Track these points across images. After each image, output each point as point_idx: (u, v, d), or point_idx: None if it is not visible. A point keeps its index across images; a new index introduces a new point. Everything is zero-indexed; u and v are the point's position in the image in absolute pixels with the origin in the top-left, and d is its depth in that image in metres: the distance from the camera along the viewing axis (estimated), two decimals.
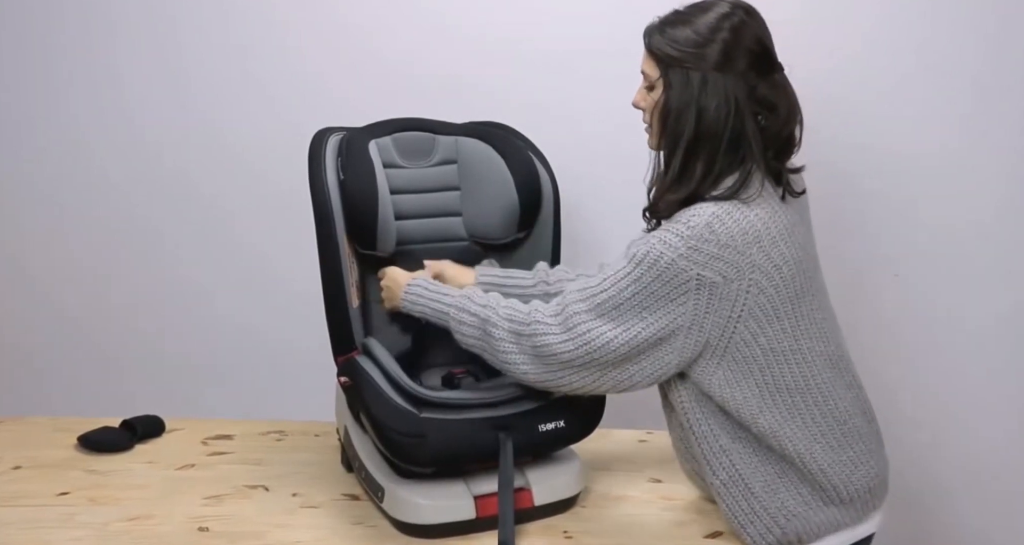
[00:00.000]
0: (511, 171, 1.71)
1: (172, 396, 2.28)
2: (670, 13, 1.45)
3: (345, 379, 1.54)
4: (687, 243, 1.36)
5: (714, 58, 1.38)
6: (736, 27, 1.40)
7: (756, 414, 1.44)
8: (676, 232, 1.37)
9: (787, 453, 1.45)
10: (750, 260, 1.38)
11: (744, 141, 1.40)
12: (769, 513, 1.45)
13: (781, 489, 1.46)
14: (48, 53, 2.22)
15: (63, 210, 2.29)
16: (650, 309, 1.38)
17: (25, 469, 1.73)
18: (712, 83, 1.39)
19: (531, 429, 1.49)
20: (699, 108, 1.39)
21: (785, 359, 1.43)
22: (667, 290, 1.37)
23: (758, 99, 1.40)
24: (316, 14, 2.13)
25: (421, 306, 1.57)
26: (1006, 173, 2.00)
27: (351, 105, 2.08)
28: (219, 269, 2.27)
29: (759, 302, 1.40)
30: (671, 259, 1.36)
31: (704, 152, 1.40)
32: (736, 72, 1.39)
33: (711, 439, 1.47)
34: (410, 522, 1.47)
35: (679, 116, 1.41)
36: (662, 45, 1.42)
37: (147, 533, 1.50)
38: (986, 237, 2.03)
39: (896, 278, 2.08)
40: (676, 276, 1.37)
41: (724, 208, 1.38)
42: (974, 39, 1.96)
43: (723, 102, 1.38)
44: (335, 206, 1.58)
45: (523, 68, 2.09)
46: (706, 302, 1.38)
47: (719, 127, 1.39)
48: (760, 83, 1.40)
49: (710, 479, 1.48)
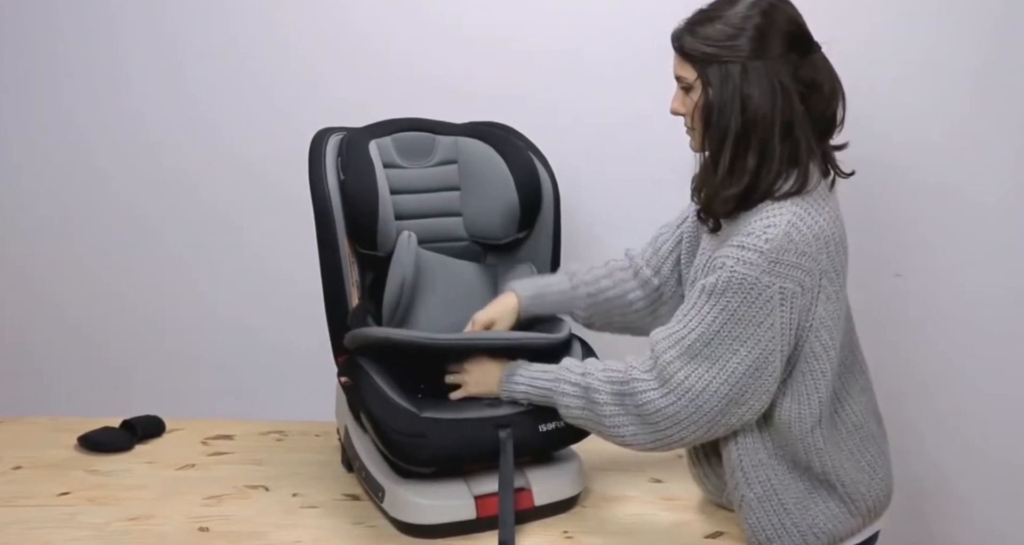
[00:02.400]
0: (511, 171, 1.71)
1: (172, 396, 2.28)
2: (695, 13, 1.42)
3: (345, 379, 1.54)
4: (768, 258, 1.33)
5: (750, 46, 1.35)
6: (767, 11, 1.37)
7: (808, 431, 1.42)
8: (755, 248, 1.33)
9: (824, 468, 1.43)
10: (820, 266, 1.37)
11: (796, 125, 1.37)
12: (799, 530, 1.44)
13: (811, 506, 1.45)
14: (49, 54, 2.22)
15: (63, 210, 2.29)
16: (740, 338, 1.34)
17: (25, 469, 1.73)
18: (753, 72, 1.35)
19: (531, 429, 1.49)
20: (743, 99, 1.35)
21: (835, 368, 1.43)
22: (753, 312, 1.33)
23: (802, 80, 1.37)
24: (316, 14, 2.13)
25: (523, 391, 1.50)
26: (1008, 171, 2.00)
27: (351, 105, 2.08)
28: (219, 269, 2.27)
29: (827, 310, 1.39)
30: (755, 278, 1.33)
31: (755, 143, 1.36)
32: (775, 56, 1.35)
33: (751, 453, 1.43)
34: (410, 522, 1.47)
35: (723, 111, 1.37)
36: (694, 44, 1.39)
37: (147, 533, 1.50)
38: (987, 236, 2.03)
39: (897, 278, 2.08)
40: (760, 295, 1.33)
41: (797, 213, 1.35)
42: (975, 36, 1.96)
43: (768, 89, 1.35)
44: (335, 206, 1.58)
45: (523, 68, 2.08)
46: (788, 315, 1.35)
47: (769, 115, 1.35)
48: (802, 64, 1.37)
49: (742, 491, 1.44)
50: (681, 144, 1.95)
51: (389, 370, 1.53)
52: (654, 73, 2.04)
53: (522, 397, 1.50)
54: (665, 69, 1.89)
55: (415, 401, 1.49)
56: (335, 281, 1.57)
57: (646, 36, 2.00)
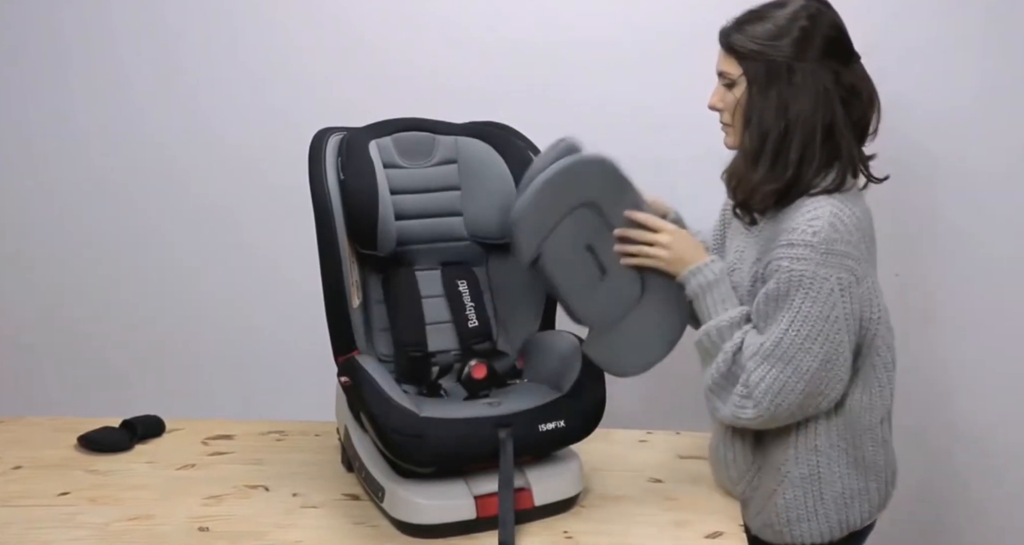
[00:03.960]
0: (511, 171, 1.70)
1: (172, 396, 2.28)
2: (744, 13, 1.46)
3: (345, 379, 1.54)
4: (818, 250, 1.37)
5: (797, 47, 1.40)
6: (814, 16, 1.41)
7: (877, 422, 1.50)
8: (804, 243, 1.37)
9: (880, 461, 1.52)
10: (866, 257, 1.43)
11: (836, 128, 1.41)
12: (828, 519, 1.51)
13: (853, 505, 1.52)
14: (49, 54, 2.22)
15: (63, 210, 2.29)
16: (811, 336, 1.38)
17: (25, 469, 1.73)
18: (799, 73, 1.40)
19: (531, 429, 1.49)
20: (787, 99, 1.40)
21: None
22: (819, 307, 1.37)
23: (843, 85, 1.42)
24: (317, 15, 2.13)
25: (697, 289, 1.48)
26: (1007, 172, 2.00)
27: (351, 105, 2.08)
28: (219, 269, 2.27)
29: (880, 301, 1.46)
30: (812, 272, 1.37)
31: (797, 142, 1.41)
32: (820, 61, 1.40)
33: (811, 438, 1.49)
34: (410, 522, 1.47)
35: (767, 109, 1.42)
36: (742, 41, 1.43)
37: (147, 533, 1.50)
38: (987, 235, 2.03)
39: (896, 278, 2.08)
40: (821, 288, 1.37)
41: (836, 206, 1.40)
42: (977, 39, 1.96)
43: (812, 91, 1.40)
44: (335, 206, 1.58)
45: (523, 68, 2.09)
46: (849, 305, 1.39)
47: (812, 116, 1.40)
48: (843, 70, 1.42)
49: (788, 468, 1.50)
50: (681, 144, 1.96)
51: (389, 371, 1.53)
52: (654, 73, 2.05)
53: (690, 294, 1.49)
54: (665, 69, 1.90)
55: (415, 401, 1.49)
56: (335, 281, 1.56)
57: (647, 37, 2.01)
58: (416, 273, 1.73)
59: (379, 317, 1.70)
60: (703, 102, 1.98)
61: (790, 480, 1.50)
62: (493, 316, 1.75)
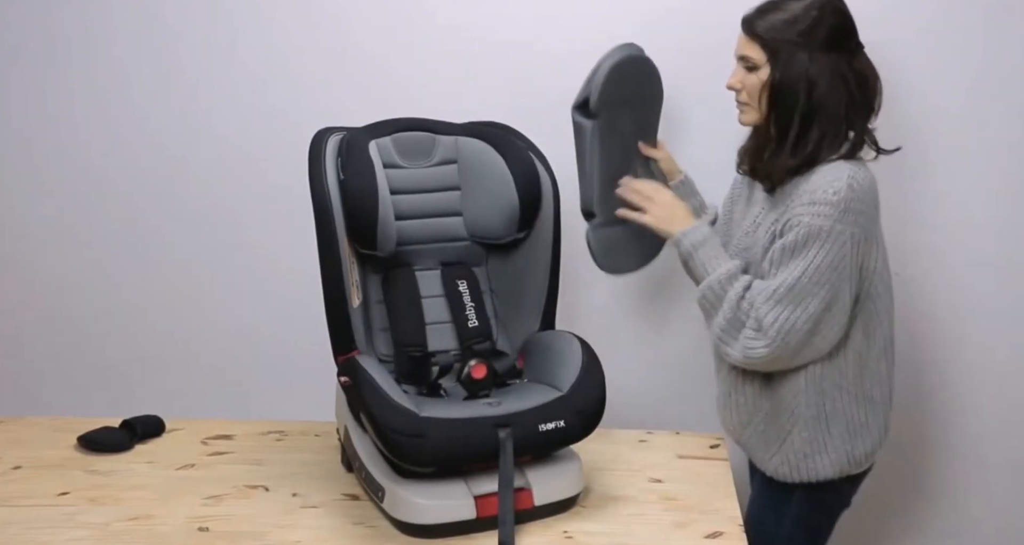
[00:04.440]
0: (511, 171, 1.71)
1: (172, 396, 2.28)
2: (765, 3, 1.60)
3: (345, 379, 1.54)
4: (838, 208, 1.52)
5: (818, 37, 1.55)
6: (831, 7, 1.57)
7: (874, 360, 1.64)
8: (825, 201, 1.52)
9: (880, 395, 1.67)
10: (875, 216, 1.59)
11: (852, 109, 1.57)
12: (838, 456, 1.64)
13: (857, 440, 1.65)
14: (50, 54, 2.22)
15: (63, 210, 2.29)
16: (820, 283, 1.53)
17: (25, 469, 1.73)
18: (821, 59, 1.55)
19: (531, 429, 1.49)
20: (810, 82, 1.55)
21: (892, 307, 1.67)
22: (831, 258, 1.53)
23: (855, 71, 1.57)
24: (316, 15, 2.13)
25: (688, 250, 1.63)
26: (1006, 170, 2.00)
27: (351, 105, 2.08)
28: (219, 269, 2.27)
29: (882, 254, 1.62)
30: (830, 227, 1.52)
31: (819, 122, 1.56)
32: (836, 48, 1.56)
33: (817, 381, 1.61)
34: (410, 522, 1.47)
35: (792, 91, 1.56)
36: (766, 28, 1.57)
37: (147, 533, 1.50)
38: (986, 234, 2.03)
39: (896, 277, 2.07)
40: (836, 241, 1.52)
41: (853, 168, 1.55)
42: (974, 35, 1.96)
43: (830, 75, 1.55)
44: (335, 206, 1.58)
45: (523, 68, 2.09)
46: (856, 257, 1.55)
47: (833, 98, 1.55)
48: (854, 57, 1.58)
49: (800, 411, 1.62)
50: (680, 143, 1.96)
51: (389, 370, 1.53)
52: None
53: (683, 252, 1.64)
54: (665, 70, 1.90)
55: (415, 401, 1.49)
56: (335, 281, 1.56)
57: (646, 38, 2.00)
58: (416, 273, 1.73)
59: (379, 317, 1.70)
60: (703, 102, 1.99)
61: (803, 421, 1.62)
62: (493, 316, 1.75)
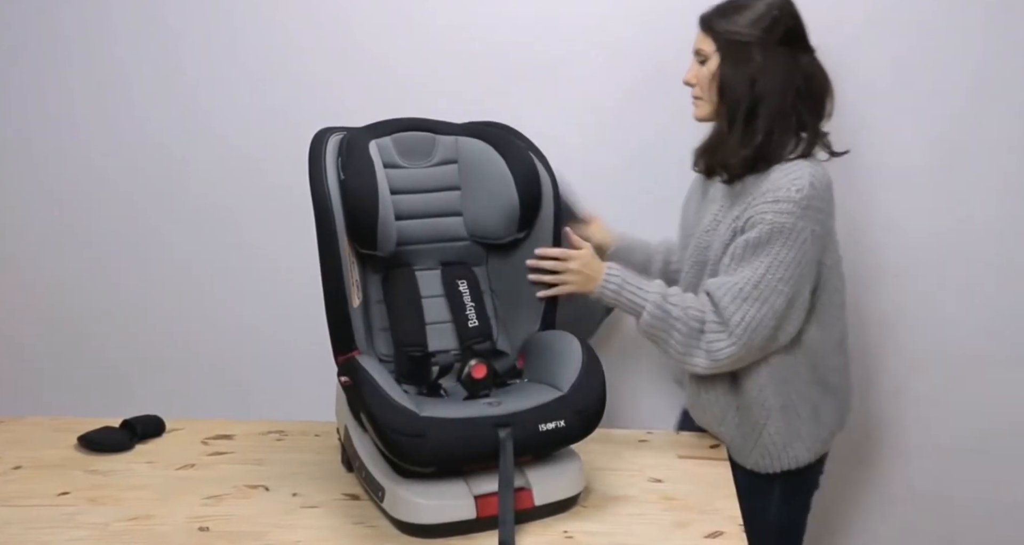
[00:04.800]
0: (511, 171, 1.70)
1: (172, 396, 2.28)
2: (724, 2, 1.69)
3: (345, 379, 1.53)
4: (800, 205, 1.59)
5: (767, 33, 1.63)
6: (782, 8, 1.65)
7: (830, 352, 1.71)
8: (788, 199, 1.59)
9: (836, 383, 1.74)
10: (832, 214, 1.66)
11: (798, 104, 1.65)
12: (811, 440, 1.73)
13: (820, 422, 1.74)
14: (48, 54, 2.22)
15: (63, 210, 2.29)
16: (784, 279, 1.60)
17: (25, 469, 1.73)
18: (767, 54, 1.63)
19: (531, 429, 1.49)
20: (755, 73, 1.63)
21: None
22: (793, 254, 1.60)
23: (802, 69, 1.65)
24: (317, 15, 2.13)
25: (614, 296, 1.69)
26: (1004, 172, 2.00)
27: (351, 105, 2.08)
28: (219, 269, 2.27)
29: (837, 249, 1.70)
30: (792, 224, 1.59)
31: (766, 113, 1.63)
32: (784, 46, 1.64)
33: (779, 372, 1.69)
34: (410, 522, 1.47)
35: (738, 82, 1.64)
36: (720, 22, 1.66)
37: (147, 533, 1.50)
38: (985, 236, 2.03)
39: (896, 278, 2.08)
40: (797, 238, 1.59)
41: (812, 167, 1.63)
42: (972, 38, 1.96)
43: (777, 69, 1.63)
44: (335, 206, 1.58)
45: (523, 68, 2.09)
46: (814, 253, 1.62)
47: (777, 90, 1.63)
48: (802, 56, 1.66)
49: (770, 403, 1.70)
50: (679, 143, 1.96)
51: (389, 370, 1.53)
52: (653, 73, 2.05)
53: (610, 302, 1.70)
54: (664, 70, 1.90)
55: (415, 401, 1.48)
56: (335, 281, 1.56)
57: (646, 37, 2.01)
58: (416, 273, 1.73)
59: (379, 317, 1.70)
60: None
61: (775, 413, 1.70)
62: (493, 316, 1.75)
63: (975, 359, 2.09)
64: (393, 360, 1.67)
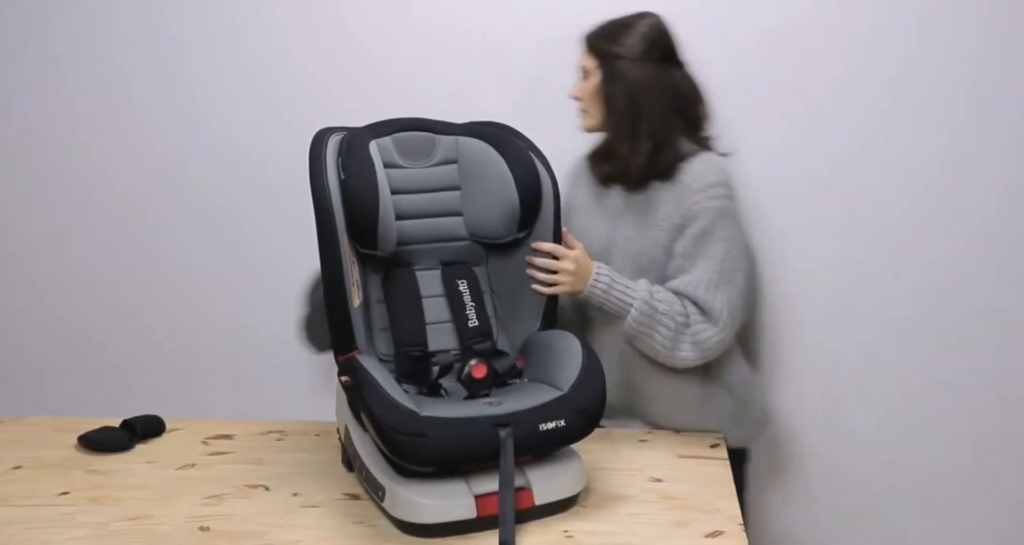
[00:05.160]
0: (511, 171, 1.71)
1: (172, 396, 2.29)
2: (605, 23, 1.80)
3: (345, 378, 1.53)
4: (724, 185, 1.74)
5: (643, 51, 1.75)
6: (658, 30, 1.78)
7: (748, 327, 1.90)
8: (717, 183, 1.73)
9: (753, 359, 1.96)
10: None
11: (678, 113, 1.78)
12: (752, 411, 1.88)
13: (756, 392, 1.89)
14: (49, 54, 2.22)
15: (63, 211, 2.29)
16: (739, 256, 1.75)
17: (25, 469, 1.73)
18: (646, 70, 1.75)
19: (532, 428, 1.49)
20: (635, 86, 1.75)
21: None
22: (737, 232, 1.75)
23: (676, 80, 1.79)
24: (316, 15, 2.13)
25: (602, 296, 1.74)
26: (1004, 173, 2.00)
27: (351, 105, 2.08)
28: (220, 269, 2.27)
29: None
30: (727, 205, 1.73)
31: (646, 119, 1.75)
32: (659, 62, 1.77)
33: (724, 356, 1.80)
34: (411, 521, 1.47)
35: (618, 98, 1.76)
36: (601, 42, 1.79)
37: (147, 533, 1.50)
38: (985, 236, 2.03)
39: (896, 278, 2.08)
40: (735, 215, 1.75)
41: (715, 154, 1.78)
42: (971, 38, 1.96)
43: (652, 82, 1.75)
44: (336, 206, 1.58)
45: (523, 68, 2.09)
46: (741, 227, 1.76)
47: (656, 102, 1.75)
48: (675, 71, 1.80)
49: (716, 387, 1.82)
50: None
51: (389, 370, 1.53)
52: None
53: (598, 302, 1.75)
54: None
55: (415, 401, 1.48)
56: (335, 281, 1.56)
57: None
58: (416, 273, 1.73)
59: (379, 317, 1.70)
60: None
61: (737, 387, 1.84)
62: (493, 316, 1.75)
63: (976, 358, 2.09)
64: (393, 360, 1.67)
